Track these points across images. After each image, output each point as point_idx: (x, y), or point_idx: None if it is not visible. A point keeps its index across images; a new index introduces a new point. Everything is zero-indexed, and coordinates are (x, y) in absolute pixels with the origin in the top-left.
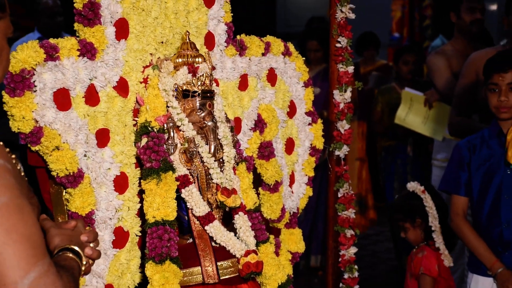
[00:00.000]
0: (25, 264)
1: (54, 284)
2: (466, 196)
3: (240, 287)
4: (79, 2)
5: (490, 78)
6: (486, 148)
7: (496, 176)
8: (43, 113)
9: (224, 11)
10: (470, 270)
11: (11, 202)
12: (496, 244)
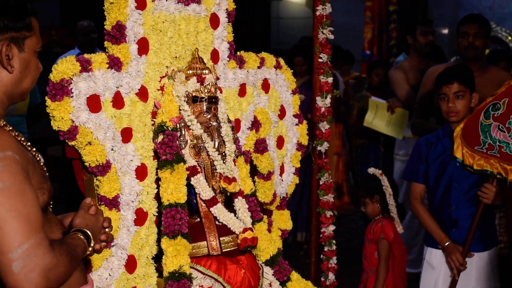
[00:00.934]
0: (20, 236)
1: (43, 255)
2: (423, 183)
3: (239, 258)
4: (108, 24)
5: (440, 89)
6: (440, 145)
7: (448, 168)
8: (78, 115)
9: (226, 32)
10: (425, 244)
11: (13, 186)
12: (445, 222)
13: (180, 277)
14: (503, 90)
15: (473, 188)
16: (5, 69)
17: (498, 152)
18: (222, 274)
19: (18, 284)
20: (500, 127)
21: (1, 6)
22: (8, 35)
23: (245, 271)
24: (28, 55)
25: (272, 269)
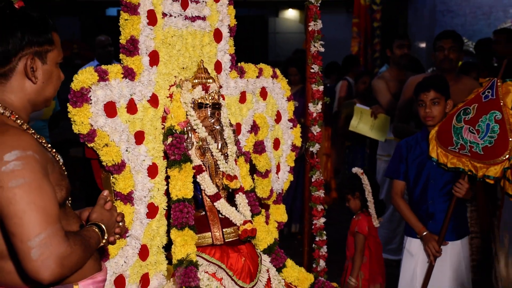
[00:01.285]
0: (38, 227)
1: (59, 244)
2: (404, 181)
3: (240, 248)
4: (123, 39)
5: (418, 96)
6: (419, 147)
7: (425, 167)
8: (96, 119)
9: (228, 45)
10: (406, 234)
11: (33, 182)
12: (423, 215)
13: (188, 264)
14: (472, 97)
15: (448, 185)
16: (29, 80)
17: (469, 152)
18: (225, 261)
19: (36, 269)
20: (471, 129)
21: (25, 23)
22: (32, 49)
23: (245, 259)
24: (50, 67)
25: (270, 257)
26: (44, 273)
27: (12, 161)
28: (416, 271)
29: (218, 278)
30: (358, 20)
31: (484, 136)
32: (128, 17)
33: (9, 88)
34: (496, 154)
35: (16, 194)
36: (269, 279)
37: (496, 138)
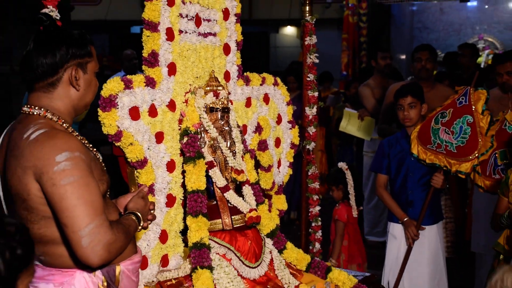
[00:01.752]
0: (87, 218)
1: (105, 233)
2: (386, 174)
3: (246, 232)
4: (145, 52)
5: (397, 101)
6: (399, 145)
7: (405, 162)
8: (122, 122)
9: (236, 58)
10: (389, 220)
11: (81, 179)
12: (404, 203)
13: (201, 247)
14: (448, 102)
15: (424, 177)
16: (73, 87)
17: (445, 150)
18: (234, 244)
19: (86, 255)
20: (446, 130)
21: (68, 38)
22: (75, 61)
23: (251, 242)
24: (90, 76)
25: (272, 240)
26: (94, 259)
27: (63, 162)
28: (400, 252)
29: (228, 258)
30: (347, 35)
31: (458, 137)
32: (149, 34)
33: (56, 95)
34: (467, 153)
35: (67, 191)
36: (272, 259)
37: (467, 139)
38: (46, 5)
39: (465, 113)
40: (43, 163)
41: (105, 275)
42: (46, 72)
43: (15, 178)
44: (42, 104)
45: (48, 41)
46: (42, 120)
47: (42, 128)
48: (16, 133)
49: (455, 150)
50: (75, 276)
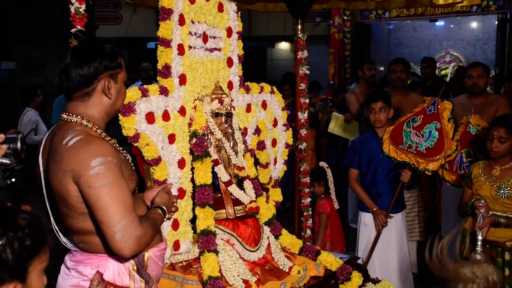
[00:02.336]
0: (120, 216)
1: (136, 228)
2: (357, 169)
3: (247, 221)
4: (159, 65)
5: (369, 105)
6: (369, 143)
7: (374, 158)
8: (140, 125)
9: (238, 69)
10: (359, 209)
11: (114, 181)
12: (373, 195)
13: (208, 233)
14: (419, 110)
15: (391, 172)
16: (106, 96)
17: (415, 150)
18: (236, 231)
19: (120, 248)
20: (417, 133)
21: (101, 52)
22: (108, 72)
23: (251, 229)
24: (120, 85)
25: (269, 227)
26: (126, 251)
27: (97, 166)
28: (370, 237)
29: (231, 243)
30: (334, 50)
31: (427, 139)
32: (163, 49)
33: (91, 104)
34: (435, 154)
35: (101, 192)
36: (269, 244)
37: (435, 142)
38: (75, 25)
39: (433, 120)
40: (80, 168)
41: (135, 260)
42: (82, 83)
43: (56, 180)
44: (79, 112)
45: (83, 55)
46: (78, 127)
47: (79, 135)
48: (56, 139)
49: (424, 151)
50: (109, 260)
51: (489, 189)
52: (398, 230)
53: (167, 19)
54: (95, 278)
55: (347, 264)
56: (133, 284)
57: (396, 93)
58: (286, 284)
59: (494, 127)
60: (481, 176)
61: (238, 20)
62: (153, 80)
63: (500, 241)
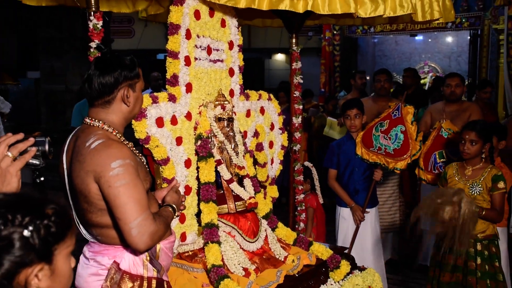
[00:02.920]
0: (136, 213)
1: (150, 225)
2: (336, 169)
3: (246, 215)
4: (168, 75)
5: (345, 112)
6: (345, 146)
7: (351, 160)
8: (150, 129)
9: (238, 79)
10: (338, 205)
11: (131, 182)
12: (351, 192)
13: (211, 226)
14: (385, 115)
15: (366, 172)
16: (125, 104)
17: (384, 152)
18: (237, 224)
19: (135, 243)
20: (385, 136)
21: (122, 63)
22: (127, 82)
23: (250, 222)
24: (138, 93)
25: (266, 220)
26: (141, 245)
27: (117, 168)
28: (348, 230)
29: (232, 235)
30: (325, 61)
31: (394, 141)
32: (171, 61)
33: (111, 110)
34: (401, 154)
35: (120, 191)
36: (267, 235)
37: (401, 143)
38: (93, 39)
39: (398, 124)
40: (101, 169)
41: (149, 252)
42: (104, 92)
43: (79, 178)
44: (100, 117)
45: (105, 66)
46: (100, 131)
47: (100, 138)
48: (80, 141)
49: (392, 152)
50: (125, 252)
51: (463, 187)
52: (372, 223)
53: (175, 34)
54: (112, 267)
55: (336, 254)
56: (147, 273)
57: (380, 100)
58: (281, 272)
59: (465, 131)
60: (455, 176)
61: (239, 34)
62: (162, 88)
63: (473, 233)
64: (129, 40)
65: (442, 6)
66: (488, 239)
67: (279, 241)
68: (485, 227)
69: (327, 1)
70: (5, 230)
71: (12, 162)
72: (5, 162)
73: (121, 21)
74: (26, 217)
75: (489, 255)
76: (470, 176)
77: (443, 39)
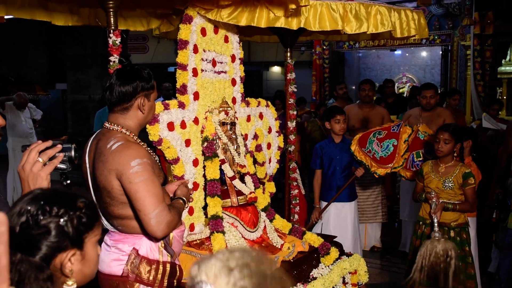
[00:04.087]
0: (154, 205)
1: (167, 215)
2: (320, 169)
3: (247, 208)
4: (178, 84)
5: (335, 116)
6: (327, 148)
7: (333, 159)
8: (162, 132)
9: (240, 88)
10: (321, 199)
11: (149, 178)
12: (333, 187)
13: (216, 218)
14: (386, 126)
15: (345, 170)
16: (141, 111)
17: (372, 156)
18: (239, 216)
19: (154, 231)
20: (378, 144)
21: (140, 75)
22: (144, 92)
23: (251, 214)
24: (152, 102)
25: (265, 213)
26: (159, 233)
27: (136, 166)
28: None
29: (235, 226)
30: (315, 72)
31: (384, 150)
32: (181, 72)
33: (128, 116)
34: (385, 163)
35: (140, 186)
36: (265, 226)
37: (389, 154)
38: (112, 54)
39: (393, 137)
40: (122, 167)
41: (163, 239)
42: (123, 99)
43: (102, 176)
44: (119, 122)
45: (126, 76)
46: (119, 135)
47: (120, 140)
48: (101, 144)
49: (378, 158)
50: (143, 239)
51: (437, 182)
52: (352, 215)
53: (184, 48)
54: (132, 253)
55: (326, 241)
56: (162, 257)
57: (365, 106)
58: (278, 258)
59: (440, 131)
60: (431, 173)
61: (240, 49)
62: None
63: (447, 222)
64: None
65: (417, 24)
66: (460, 227)
67: (276, 231)
68: (457, 217)
69: (318, 19)
70: (43, 220)
71: (43, 167)
72: (36, 167)
73: (137, 39)
74: (61, 208)
75: (460, 240)
76: (443, 173)
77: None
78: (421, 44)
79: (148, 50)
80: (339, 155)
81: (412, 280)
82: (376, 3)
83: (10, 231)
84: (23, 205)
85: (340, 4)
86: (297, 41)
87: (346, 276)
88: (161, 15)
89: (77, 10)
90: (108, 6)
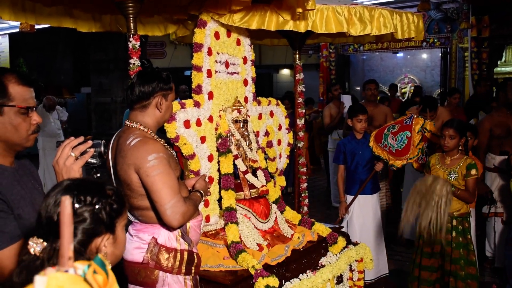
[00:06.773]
0: (169, 197)
1: (182, 206)
2: (343, 164)
3: (259, 200)
4: (193, 85)
5: (357, 116)
6: (349, 144)
7: (356, 155)
8: (179, 130)
9: (251, 88)
10: (346, 193)
11: (165, 171)
12: (357, 181)
13: (230, 210)
14: (399, 120)
15: (368, 164)
16: (158, 110)
17: (388, 150)
18: (251, 208)
19: (170, 220)
20: (393, 137)
21: (159, 77)
22: (161, 92)
23: (263, 206)
24: (169, 103)
25: (276, 205)
26: (174, 223)
27: (152, 160)
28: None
29: (248, 217)
30: (322, 74)
31: (399, 143)
32: (196, 73)
33: (147, 114)
34: (401, 155)
35: (156, 179)
36: (276, 217)
37: (404, 146)
38: (132, 57)
39: (406, 130)
40: (140, 162)
41: (180, 229)
42: (142, 98)
43: (122, 170)
44: (138, 119)
45: (146, 77)
46: (137, 131)
47: (138, 137)
48: (122, 140)
49: (394, 151)
50: (161, 229)
51: (443, 174)
52: (374, 206)
53: (199, 51)
54: (151, 242)
55: (334, 231)
56: (179, 246)
57: (370, 105)
58: (289, 247)
59: (445, 128)
60: (437, 164)
61: (251, 51)
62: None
63: (450, 212)
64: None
65: (416, 27)
66: (462, 216)
67: (286, 222)
68: (460, 206)
69: (324, 22)
70: (79, 209)
71: (75, 161)
72: (69, 161)
73: (155, 45)
74: (94, 197)
75: (462, 229)
76: (449, 165)
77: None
78: (421, 46)
79: (166, 55)
80: (361, 150)
81: (404, 220)
82: (379, 7)
83: (48, 220)
84: (58, 196)
85: (345, 8)
86: (305, 44)
87: (352, 264)
88: (177, 21)
89: (99, 17)
90: (128, 12)
